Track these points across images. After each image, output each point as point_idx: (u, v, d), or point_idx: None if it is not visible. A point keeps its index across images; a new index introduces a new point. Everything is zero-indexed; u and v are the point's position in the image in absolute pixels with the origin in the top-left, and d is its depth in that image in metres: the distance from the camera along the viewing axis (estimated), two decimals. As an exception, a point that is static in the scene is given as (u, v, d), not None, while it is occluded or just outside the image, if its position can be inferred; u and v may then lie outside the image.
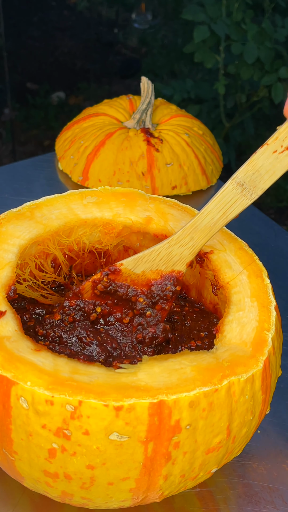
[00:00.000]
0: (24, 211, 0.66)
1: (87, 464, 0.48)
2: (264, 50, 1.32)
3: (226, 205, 0.56)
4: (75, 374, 0.49)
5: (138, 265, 0.60)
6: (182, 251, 0.59)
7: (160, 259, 0.59)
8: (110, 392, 0.47)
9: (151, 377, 0.49)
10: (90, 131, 1.05)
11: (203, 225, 0.58)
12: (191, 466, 0.51)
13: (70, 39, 2.19)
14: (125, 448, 0.48)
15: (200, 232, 0.58)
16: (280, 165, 0.54)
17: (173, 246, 0.59)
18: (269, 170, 0.54)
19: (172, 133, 1.05)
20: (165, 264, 0.59)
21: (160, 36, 2.23)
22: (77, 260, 0.69)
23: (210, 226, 0.57)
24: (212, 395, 0.49)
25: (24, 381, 0.48)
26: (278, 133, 0.54)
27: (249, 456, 0.66)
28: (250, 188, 0.55)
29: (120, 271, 0.60)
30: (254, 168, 0.54)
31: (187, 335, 0.64)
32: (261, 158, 0.54)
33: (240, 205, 0.56)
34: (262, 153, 0.54)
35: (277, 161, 0.54)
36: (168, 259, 0.59)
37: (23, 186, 1.05)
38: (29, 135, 2.12)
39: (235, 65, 1.44)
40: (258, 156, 0.54)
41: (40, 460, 0.49)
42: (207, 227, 0.58)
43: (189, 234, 0.58)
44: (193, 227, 0.58)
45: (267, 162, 0.54)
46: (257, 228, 1.01)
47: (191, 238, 0.58)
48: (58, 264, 0.68)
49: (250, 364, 0.52)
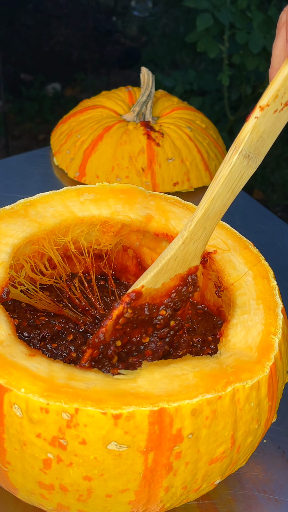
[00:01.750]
0: (18, 209, 0.66)
1: (84, 475, 0.48)
2: (270, 39, 1.32)
3: (234, 182, 0.54)
4: (72, 380, 0.49)
5: (158, 280, 0.57)
6: (196, 246, 0.57)
7: (177, 264, 0.57)
8: (108, 400, 0.47)
9: (151, 384, 0.49)
10: (87, 124, 1.05)
11: (215, 211, 0.55)
12: (193, 477, 0.51)
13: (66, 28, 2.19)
14: (124, 459, 0.48)
15: (211, 220, 0.55)
16: (279, 123, 0.53)
17: (188, 244, 0.56)
18: (271, 132, 0.53)
19: (173, 126, 1.05)
20: (182, 266, 0.57)
21: (161, 24, 2.23)
22: (74, 260, 0.69)
23: (221, 209, 0.55)
24: (215, 403, 0.49)
25: (18, 387, 0.48)
26: (276, 91, 0.51)
27: (254, 467, 0.66)
28: (254, 156, 0.53)
29: (141, 294, 0.57)
30: (258, 135, 0.52)
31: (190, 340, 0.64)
32: (263, 121, 0.52)
33: (246, 177, 0.54)
34: (264, 116, 0.52)
35: (277, 120, 0.52)
36: (184, 260, 0.57)
37: (17, 182, 1.05)
38: (23, 128, 2.12)
39: (240, 55, 1.44)
40: (261, 121, 0.52)
41: (35, 471, 0.49)
42: (217, 212, 0.55)
43: (201, 226, 0.55)
44: (205, 217, 0.55)
45: (269, 124, 0.52)
46: (263, 227, 1.01)
47: (204, 228, 0.55)
48: (54, 264, 0.68)
49: (256, 370, 0.52)
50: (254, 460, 0.66)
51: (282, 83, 0.50)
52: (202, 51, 1.41)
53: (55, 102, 2.19)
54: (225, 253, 0.64)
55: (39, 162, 1.11)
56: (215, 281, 0.64)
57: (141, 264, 0.72)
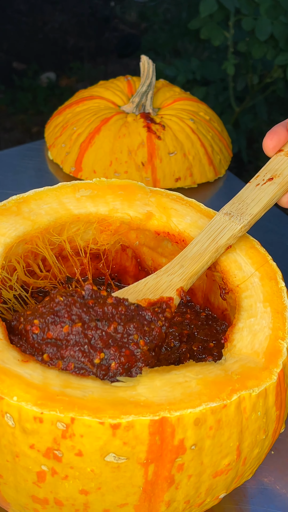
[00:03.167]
0: (10, 206, 0.66)
1: (81, 488, 0.48)
2: (278, 26, 1.32)
3: (215, 232, 0.63)
4: (67, 388, 0.49)
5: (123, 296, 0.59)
6: (171, 278, 0.61)
7: (147, 289, 0.61)
8: (106, 408, 0.47)
9: (151, 392, 0.49)
10: (84, 116, 1.05)
11: (193, 253, 0.62)
12: (196, 491, 0.51)
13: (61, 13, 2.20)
14: (123, 471, 0.48)
15: (190, 260, 0.62)
16: (264, 193, 0.64)
17: (162, 276, 0.61)
18: (255, 199, 0.64)
19: (175, 118, 1.05)
20: (152, 293, 0.60)
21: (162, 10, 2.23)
22: (70, 260, 0.69)
23: (200, 252, 0.62)
24: (220, 412, 0.49)
25: (10, 395, 0.48)
26: (259, 172, 0.66)
27: (261, 480, 0.66)
28: (237, 215, 0.64)
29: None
30: (239, 200, 0.65)
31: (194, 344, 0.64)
32: (245, 192, 0.65)
33: (230, 230, 0.63)
34: (246, 188, 0.65)
35: (260, 190, 0.65)
36: (156, 288, 0.61)
37: (9, 177, 1.05)
38: (15, 120, 2.12)
39: (246, 42, 1.44)
40: (243, 191, 0.65)
41: (28, 484, 0.49)
42: (196, 254, 0.62)
43: (178, 263, 0.62)
44: (182, 256, 0.62)
45: (252, 193, 0.65)
46: (271, 225, 1.01)
47: (181, 266, 0.62)
48: (49, 265, 0.68)
49: (263, 377, 0.52)
50: (261, 473, 0.66)
51: (265, 168, 0.66)
52: (205, 38, 1.41)
53: (49, 92, 2.20)
54: (230, 252, 0.64)
55: (32, 156, 1.11)
56: (219, 282, 0.64)
57: (140, 264, 0.72)
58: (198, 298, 0.70)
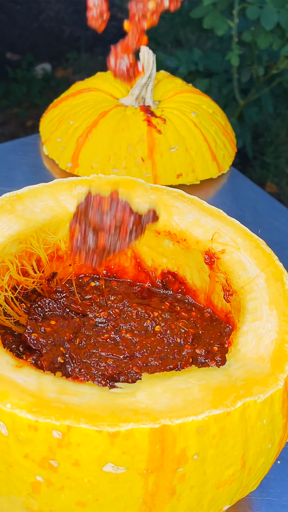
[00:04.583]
0: (3, 204, 0.66)
1: (77, 500, 0.48)
2: (285, 15, 1.32)
3: None
4: (63, 394, 0.49)
5: None
6: None
7: None
8: (104, 416, 0.47)
9: (152, 398, 0.49)
10: (81, 109, 1.05)
11: None
12: (199, 503, 0.51)
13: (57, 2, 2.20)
14: (122, 482, 0.48)
15: None
16: None
17: None
18: None
19: (177, 111, 1.05)
20: None
21: (162, -2, 2.23)
22: (65, 260, 0.69)
23: None
24: (223, 420, 0.49)
25: (3, 402, 0.48)
26: None
27: (267, 490, 0.66)
28: None
29: None
30: None
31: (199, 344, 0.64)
32: None
33: None
34: None
35: None
36: None
37: (2, 174, 1.05)
38: (9, 114, 2.12)
39: (251, 32, 1.44)
40: None
41: (22, 495, 0.49)
42: None
43: None
44: None
45: None
46: (277, 224, 1.01)
47: None
48: (43, 265, 0.68)
49: (269, 383, 0.52)
50: (267, 484, 0.66)
51: None
52: (208, 27, 1.41)
53: (44, 84, 2.20)
54: (235, 252, 0.64)
55: (27, 151, 1.11)
56: (223, 284, 0.64)
57: (140, 265, 0.72)
58: (200, 301, 0.70)
